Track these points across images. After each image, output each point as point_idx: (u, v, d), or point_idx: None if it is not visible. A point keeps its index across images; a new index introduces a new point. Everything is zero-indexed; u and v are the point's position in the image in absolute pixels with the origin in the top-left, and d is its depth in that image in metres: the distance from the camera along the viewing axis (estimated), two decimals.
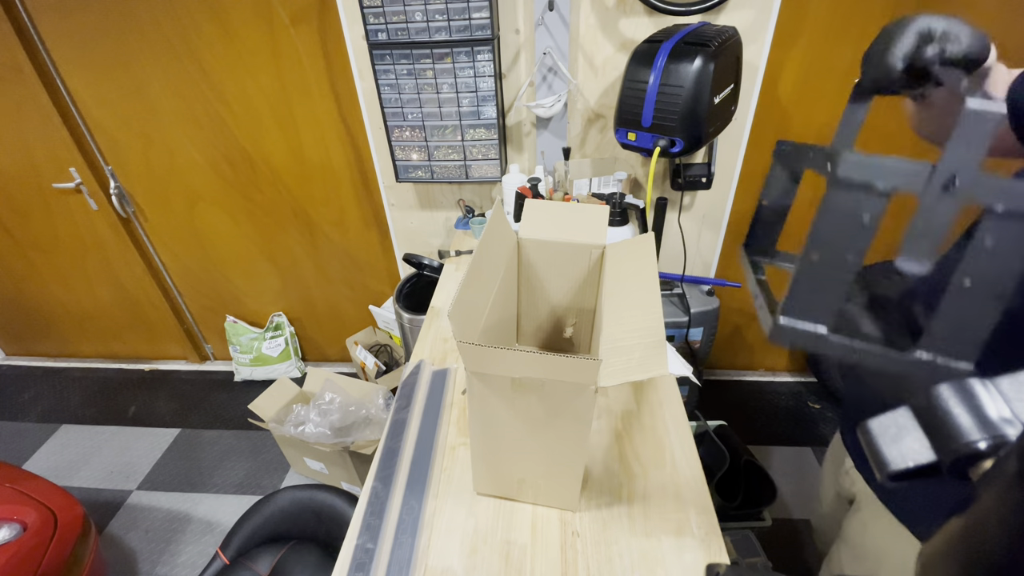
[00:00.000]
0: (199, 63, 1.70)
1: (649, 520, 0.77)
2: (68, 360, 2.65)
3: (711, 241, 1.78)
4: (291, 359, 2.40)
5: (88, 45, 1.70)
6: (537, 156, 1.62)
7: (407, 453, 0.90)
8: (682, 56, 1.12)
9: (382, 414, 1.70)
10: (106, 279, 2.30)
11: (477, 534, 0.77)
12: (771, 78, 1.49)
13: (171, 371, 2.56)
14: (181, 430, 2.21)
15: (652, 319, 0.66)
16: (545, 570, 0.72)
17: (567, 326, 0.98)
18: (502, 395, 0.66)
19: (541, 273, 0.92)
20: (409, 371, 1.08)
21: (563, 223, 0.88)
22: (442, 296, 1.33)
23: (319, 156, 1.87)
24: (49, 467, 2.09)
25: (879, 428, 0.30)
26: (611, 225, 1.27)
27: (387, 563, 0.73)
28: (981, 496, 0.23)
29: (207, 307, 2.41)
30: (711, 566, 0.71)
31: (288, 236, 2.11)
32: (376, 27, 1.37)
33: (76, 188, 1.99)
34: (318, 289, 2.28)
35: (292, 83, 1.71)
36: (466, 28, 1.35)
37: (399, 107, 1.50)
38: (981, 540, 0.22)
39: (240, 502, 1.89)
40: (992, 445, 0.25)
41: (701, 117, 1.13)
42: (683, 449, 0.88)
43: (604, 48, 1.43)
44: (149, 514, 1.88)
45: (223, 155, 1.91)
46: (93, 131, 1.91)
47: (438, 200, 1.80)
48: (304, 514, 1.27)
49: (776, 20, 1.37)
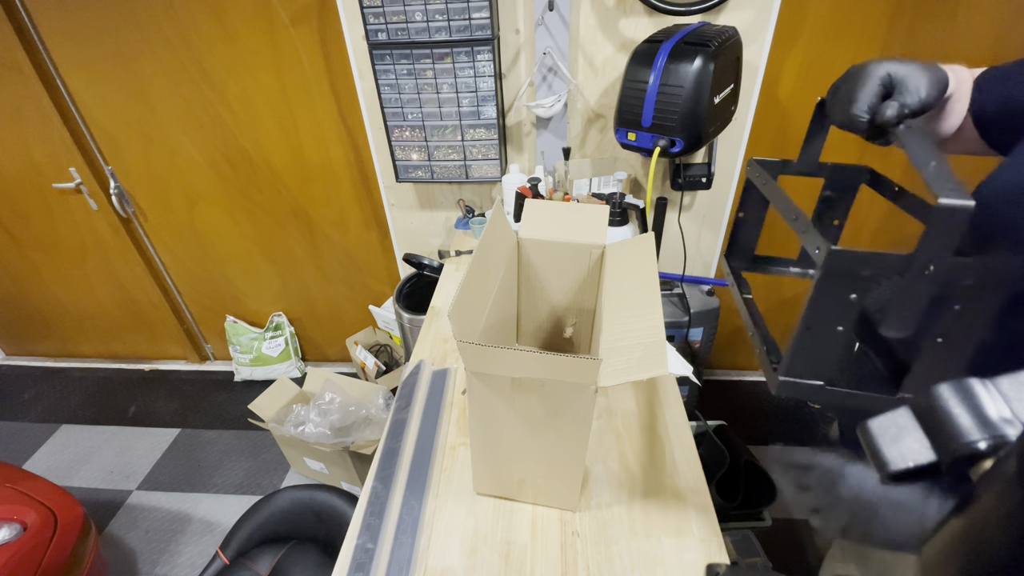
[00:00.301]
0: (199, 63, 1.70)
1: (649, 520, 0.77)
2: (68, 360, 2.65)
3: (711, 241, 1.78)
4: (291, 359, 2.40)
5: (88, 45, 1.70)
6: (537, 156, 1.62)
7: (407, 453, 0.90)
8: (682, 56, 1.12)
9: (382, 414, 1.70)
10: (106, 279, 2.30)
11: (477, 534, 0.77)
12: (771, 78, 1.49)
13: (171, 371, 2.56)
14: (181, 430, 2.21)
15: (652, 319, 0.66)
16: (545, 570, 0.72)
17: (567, 326, 0.98)
18: (502, 395, 0.66)
19: (541, 273, 0.92)
20: (409, 371, 1.08)
21: (563, 223, 0.88)
22: (442, 296, 1.33)
23: (319, 156, 1.87)
24: (49, 467, 2.09)
25: (879, 428, 0.30)
26: (611, 225, 1.27)
27: (387, 563, 0.73)
28: (981, 496, 0.23)
29: (207, 307, 2.41)
30: (711, 566, 0.71)
31: (288, 236, 2.11)
32: (376, 27, 1.37)
33: (76, 188, 1.99)
34: (318, 289, 2.28)
35: (292, 83, 1.71)
36: (466, 28, 1.35)
37: (399, 107, 1.50)
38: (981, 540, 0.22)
39: (240, 502, 1.89)
40: (992, 445, 0.25)
41: (701, 117, 1.13)
42: (683, 449, 0.88)
43: (604, 48, 1.43)
44: (149, 514, 1.88)
45: (223, 155, 1.91)
46: (93, 131, 1.91)
47: (438, 200, 1.80)
48: (304, 514, 1.27)
49: (776, 20, 1.37)
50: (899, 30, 1.41)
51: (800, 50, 1.48)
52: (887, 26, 1.41)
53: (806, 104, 1.55)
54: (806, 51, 1.48)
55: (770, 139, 1.60)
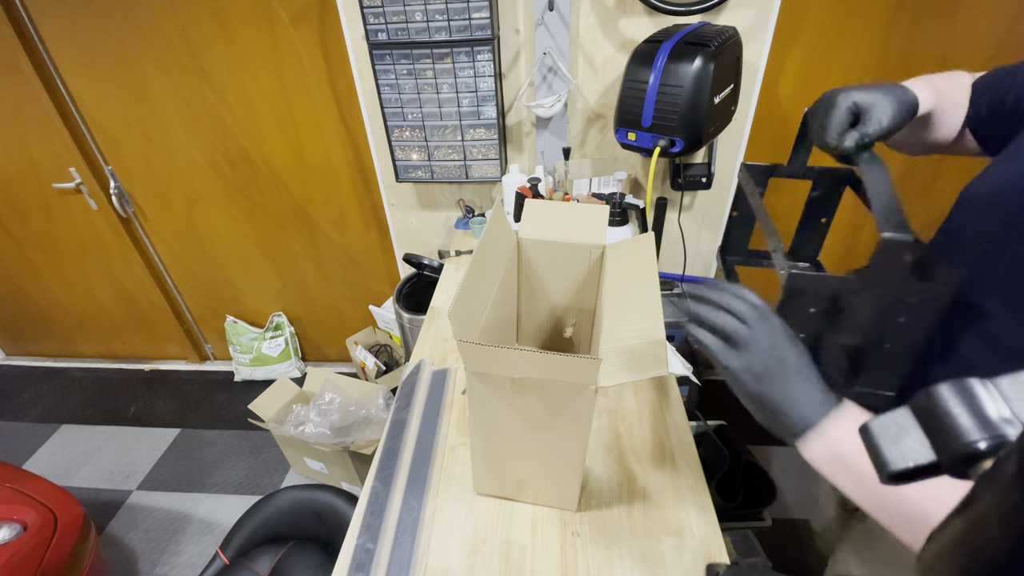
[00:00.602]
0: (199, 63, 1.70)
1: (649, 520, 0.77)
2: (68, 360, 2.65)
3: (711, 241, 1.78)
4: (291, 359, 2.39)
5: (88, 45, 1.70)
6: (537, 156, 1.61)
7: (407, 453, 0.90)
8: (682, 56, 1.11)
9: (382, 414, 1.70)
10: (106, 279, 2.30)
11: (477, 534, 0.77)
12: (771, 78, 1.49)
13: (171, 371, 2.56)
14: (181, 430, 2.21)
15: (652, 319, 0.66)
16: (545, 570, 0.72)
17: (567, 326, 0.98)
18: (502, 395, 0.66)
19: (541, 273, 0.92)
20: (409, 371, 1.08)
21: (563, 223, 0.88)
22: (442, 296, 1.33)
23: (319, 156, 1.87)
24: (49, 467, 2.09)
25: (879, 428, 0.30)
26: (611, 225, 1.27)
27: (387, 563, 0.73)
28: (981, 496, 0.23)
29: (207, 307, 2.41)
30: (711, 566, 0.71)
31: (288, 236, 2.11)
32: (376, 27, 1.37)
33: (76, 188, 1.99)
34: (318, 289, 2.28)
35: (292, 83, 1.71)
36: (466, 28, 1.35)
37: (399, 107, 1.50)
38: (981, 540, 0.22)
39: (240, 502, 1.89)
40: (992, 445, 0.25)
41: (701, 117, 1.13)
42: (683, 449, 0.88)
43: (604, 48, 1.43)
44: (149, 514, 1.88)
45: (223, 155, 1.91)
46: (93, 131, 1.91)
47: (438, 200, 1.80)
48: (304, 514, 1.27)
49: (776, 20, 1.37)
50: (899, 30, 1.41)
51: (800, 50, 1.48)
52: (887, 26, 1.41)
53: (806, 104, 1.54)
54: (806, 51, 1.48)
55: (770, 139, 1.60)
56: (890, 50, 1.44)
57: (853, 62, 1.48)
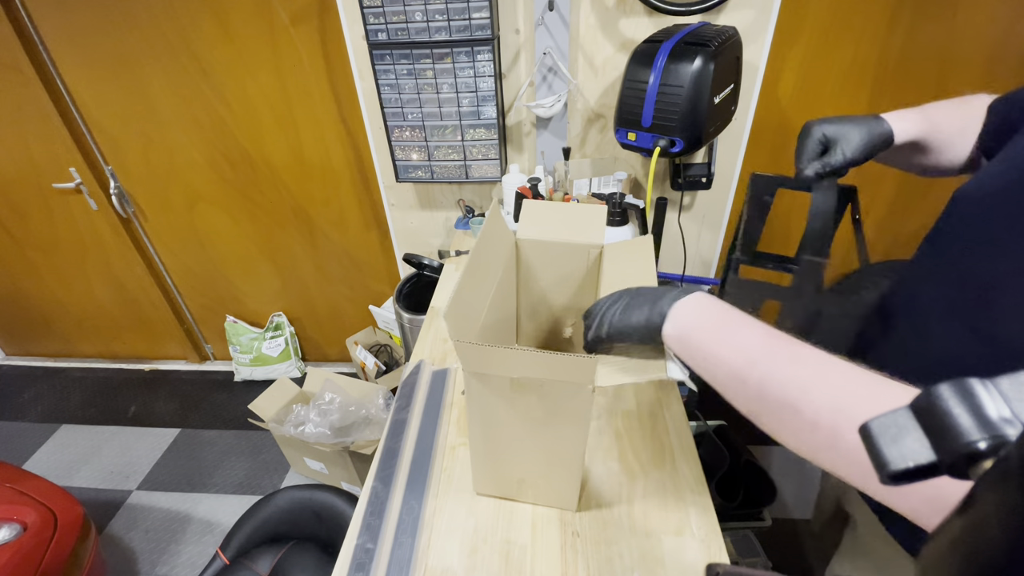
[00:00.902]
0: (199, 63, 1.70)
1: (649, 520, 0.77)
2: (68, 360, 2.65)
3: (711, 241, 1.78)
4: (291, 359, 2.39)
5: (88, 45, 1.70)
6: (537, 156, 1.61)
7: (407, 453, 0.90)
8: (682, 56, 1.11)
9: (382, 414, 1.70)
10: (106, 279, 2.30)
11: (477, 534, 0.77)
12: (771, 78, 1.49)
13: (171, 371, 2.56)
14: (181, 430, 2.21)
15: None
16: (545, 570, 0.72)
17: (566, 326, 0.98)
18: (501, 395, 0.66)
19: (539, 273, 0.92)
20: (409, 371, 1.08)
21: (560, 223, 0.88)
22: (442, 296, 1.33)
23: (319, 156, 1.87)
24: (49, 467, 2.09)
25: (879, 428, 0.30)
26: (611, 225, 1.27)
27: (387, 563, 0.73)
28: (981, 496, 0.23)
29: (207, 307, 2.41)
30: (711, 566, 0.71)
31: (288, 236, 2.11)
32: (376, 27, 1.37)
33: (76, 188, 1.99)
34: (318, 289, 2.28)
35: (292, 83, 1.71)
36: (466, 28, 1.35)
37: (399, 107, 1.50)
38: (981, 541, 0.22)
39: (240, 502, 1.89)
40: (992, 445, 0.25)
41: (701, 117, 1.12)
42: (683, 449, 0.88)
43: (604, 48, 1.43)
44: (149, 514, 1.88)
45: (223, 155, 1.91)
46: (93, 131, 1.91)
47: (438, 200, 1.80)
48: (304, 514, 1.27)
49: (776, 20, 1.37)
50: (899, 30, 1.41)
51: (800, 50, 1.48)
52: (887, 26, 1.41)
53: (806, 104, 1.55)
54: (806, 51, 1.48)
55: (770, 139, 1.60)
56: (890, 50, 1.44)
57: (853, 62, 1.48)
